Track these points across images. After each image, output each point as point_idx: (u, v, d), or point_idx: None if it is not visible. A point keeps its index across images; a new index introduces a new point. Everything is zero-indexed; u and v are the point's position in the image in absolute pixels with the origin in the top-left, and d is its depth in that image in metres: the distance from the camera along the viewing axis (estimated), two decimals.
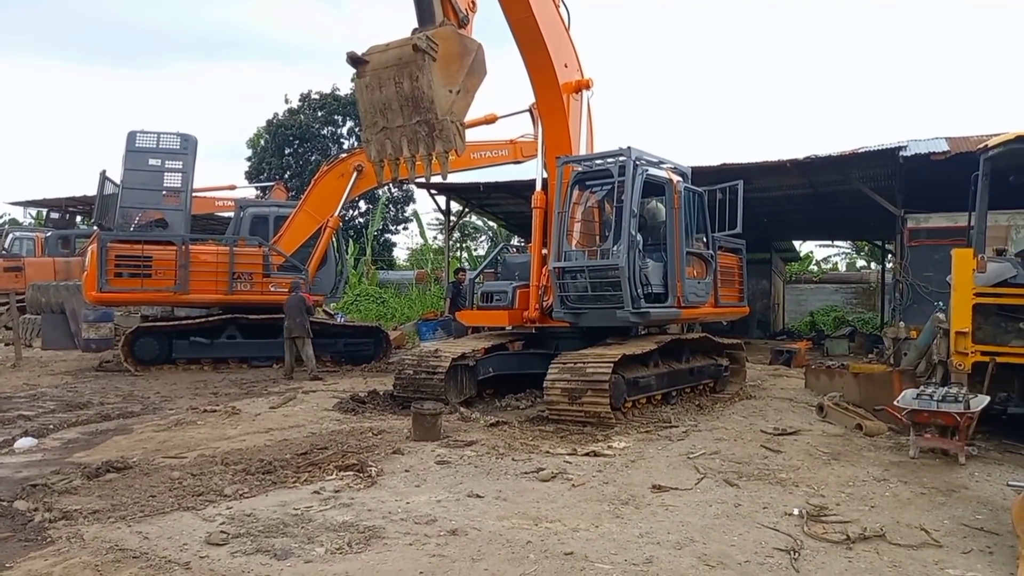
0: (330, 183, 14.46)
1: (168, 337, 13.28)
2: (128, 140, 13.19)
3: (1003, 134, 7.43)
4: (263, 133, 34.40)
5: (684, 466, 6.34)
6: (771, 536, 4.60)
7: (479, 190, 20.11)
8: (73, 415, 8.64)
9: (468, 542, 4.42)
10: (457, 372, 9.03)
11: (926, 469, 6.34)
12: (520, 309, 9.74)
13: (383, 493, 5.42)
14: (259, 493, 5.39)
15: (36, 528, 4.59)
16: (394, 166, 7.49)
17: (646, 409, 8.79)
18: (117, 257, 12.60)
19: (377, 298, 25.70)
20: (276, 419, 8.49)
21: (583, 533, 4.60)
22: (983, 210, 7.55)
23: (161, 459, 6.44)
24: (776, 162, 15.60)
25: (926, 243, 14.10)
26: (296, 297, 12.43)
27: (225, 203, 19.46)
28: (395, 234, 37.89)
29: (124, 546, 4.28)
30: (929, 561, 4.25)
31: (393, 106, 7.10)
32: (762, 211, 19.93)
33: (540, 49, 9.10)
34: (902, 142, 14.83)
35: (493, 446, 6.91)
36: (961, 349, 7.18)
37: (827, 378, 10.43)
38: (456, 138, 7.02)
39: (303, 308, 12.36)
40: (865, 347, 17.88)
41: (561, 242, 9.10)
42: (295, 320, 12.24)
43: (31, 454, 6.80)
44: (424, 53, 6.79)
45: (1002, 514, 4.97)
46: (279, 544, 4.31)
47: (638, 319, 8.77)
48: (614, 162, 8.97)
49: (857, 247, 39.46)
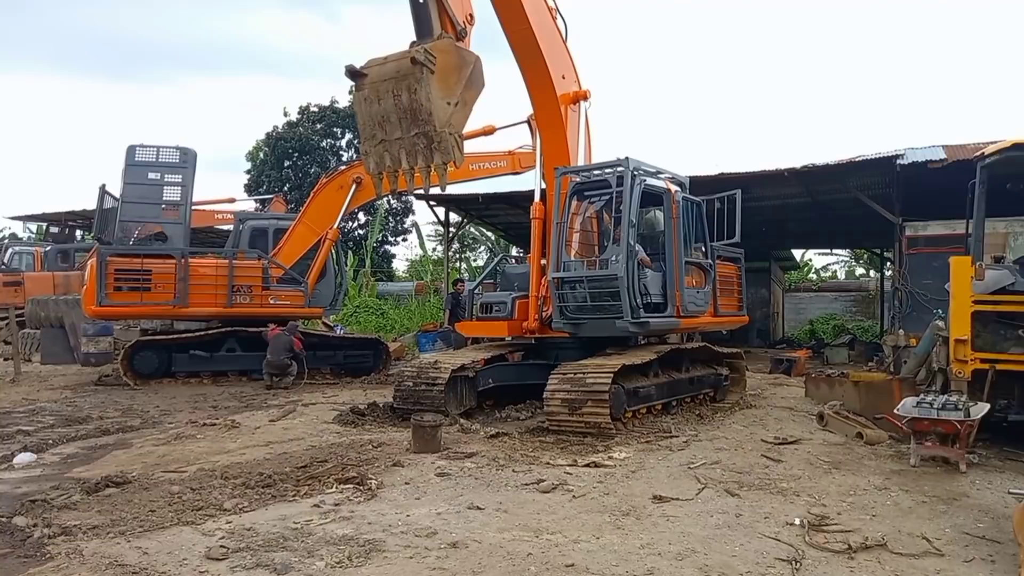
0: (329, 195, 14.49)
1: (167, 351, 13.26)
2: (127, 154, 13.21)
3: (1000, 142, 7.46)
4: (262, 146, 34.48)
5: (685, 476, 6.33)
6: (772, 546, 4.59)
7: (478, 201, 20.17)
8: (72, 430, 8.62)
9: (469, 555, 4.40)
10: (457, 383, 9.02)
11: (927, 477, 6.33)
12: (519, 320, 9.74)
13: (383, 506, 5.41)
14: (259, 507, 5.38)
15: (35, 544, 4.58)
16: (393, 178, 7.51)
17: (646, 419, 8.78)
18: (116, 271, 12.60)
19: (376, 310, 25.69)
20: (276, 432, 8.47)
21: (584, 544, 4.58)
22: (981, 217, 7.57)
23: (160, 473, 6.42)
24: (774, 171, 15.65)
25: (924, 251, 14.12)
26: (287, 339, 12.56)
27: (224, 216, 19.51)
28: (394, 245, 37.92)
29: (124, 561, 4.27)
30: (931, 570, 4.24)
31: (392, 118, 7.12)
32: (760, 220, 19.96)
33: (538, 61, 9.15)
34: (899, 150, 14.85)
35: (493, 458, 6.90)
36: (960, 357, 7.18)
37: (827, 387, 10.42)
38: (454, 150, 7.05)
39: (289, 349, 12.54)
40: (865, 355, 17.88)
41: (560, 252, 9.11)
42: (279, 357, 12.42)
43: (30, 469, 6.77)
44: (422, 66, 6.82)
45: (1004, 522, 4.96)
46: (279, 558, 4.30)
47: (637, 329, 8.78)
48: (612, 172, 9.01)
49: (856, 255, 39.49)
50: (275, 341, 12.52)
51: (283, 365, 12.47)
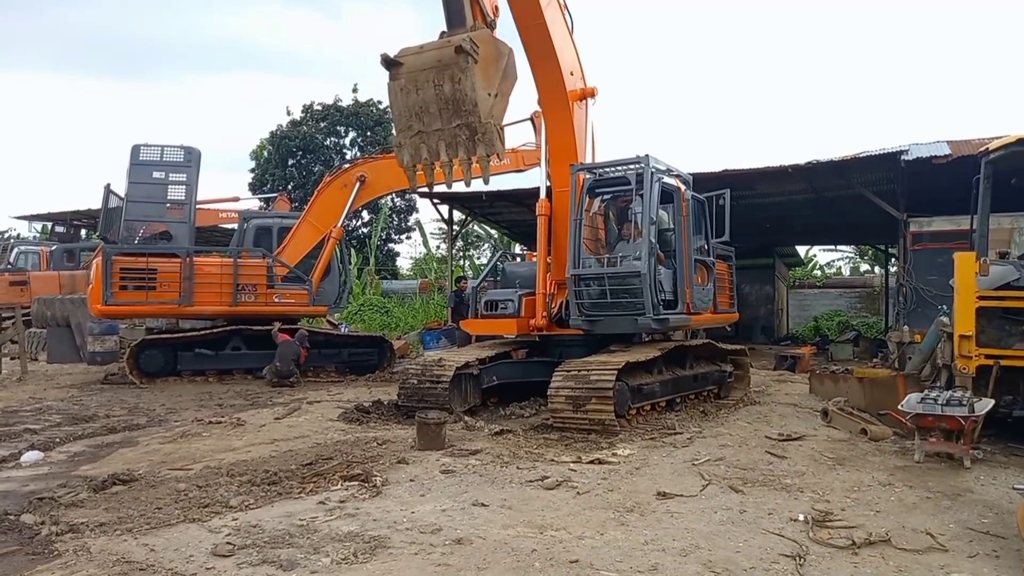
0: (333, 194, 14.50)
1: (173, 349, 13.31)
2: (132, 153, 13.27)
3: (1004, 137, 7.45)
4: (266, 144, 34.50)
5: (689, 473, 6.34)
6: (776, 542, 4.59)
7: (482, 199, 20.16)
8: (79, 428, 8.66)
9: (473, 551, 4.42)
10: (461, 381, 9.04)
11: (931, 473, 6.33)
12: (527, 317, 9.75)
13: (388, 503, 5.43)
14: (264, 504, 5.40)
15: (43, 542, 4.61)
16: (429, 171, 7.31)
17: (650, 416, 8.79)
18: (122, 270, 12.65)
19: (381, 308, 25.72)
20: (281, 430, 8.50)
21: (588, 541, 4.60)
22: (985, 213, 7.56)
23: (167, 471, 6.45)
24: (778, 167, 15.63)
25: (929, 247, 14.07)
26: (296, 349, 12.70)
27: (229, 215, 19.51)
28: (398, 243, 37.93)
29: (131, 558, 4.30)
30: (935, 565, 4.24)
31: (431, 109, 6.89)
32: (765, 216, 19.97)
33: (550, 57, 8.99)
34: (903, 146, 14.81)
35: (498, 455, 6.92)
36: (965, 353, 7.17)
37: (831, 383, 10.42)
38: (498, 142, 6.89)
39: (296, 358, 12.68)
40: (869, 351, 17.84)
41: (578, 249, 9.11)
42: (287, 367, 12.56)
43: (37, 467, 6.81)
44: (467, 55, 6.63)
45: (1008, 517, 4.96)
46: (285, 555, 4.32)
47: (659, 325, 8.86)
48: (633, 170, 9.00)
49: (860, 251, 39.42)
50: (284, 348, 12.59)
51: (288, 373, 12.59)
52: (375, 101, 34.25)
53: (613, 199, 10.05)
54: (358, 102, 34.45)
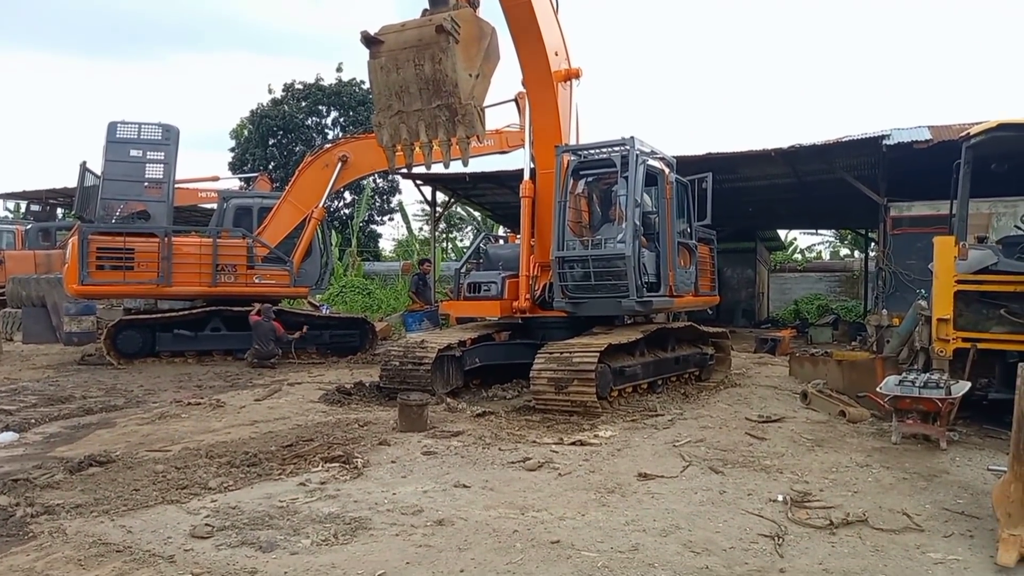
0: (314, 173, 14.31)
1: (151, 330, 13.15)
2: (108, 131, 12.99)
3: (984, 122, 7.47)
4: (247, 123, 34.00)
5: (670, 454, 6.37)
6: (755, 522, 4.64)
7: (465, 180, 20.02)
8: (55, 409, 8.55)
9: (455, 532, 4.42)
10: (443, 363, 9.02)
11: (908, 454, 6.41)
12: (510, 299, 9.73)
13: (369, 484, 5.41)
14: (244, 486, 5.36)
15: (18, 523, 4.54)
16: (408, 152, 7.21)
17: (632, 398, 8.82)
18: (99, 249, 12.46)
19: (363, 289, 25.57)
20: (261, 411, 8.45)
21: (569, 522, 4.61)
22: (965, 198, 7.60)
23: (145, 452, 6.38)
24: (761, 151, 15.65)
25: (909, 231, 14.21)
26: (268, 326, 12.52)
27: (208, 194, 19.27)
28: (381, 225, 37.62)
29: (107, 540, 4.25)
30: (911, 545, 4.30)
31: (411, 89, 6.80)
32: (747, 200, 20.01)
33: (535, 37, 8.91)
34: (885, 131, 14.87)
35: (479, 436, 6.91)
36: (943, 336, 7.25)
37: (811, 366, 10.50)
38: (478, 123, 6.82)
39: (273, 334, 12.52)
40: (848, 335, 18.04)
41: (563, 231, 9.08)
42: (267, 346, 12.43)
43: (12, 448, 6.72)
44: (448, 35, 6.52)
45: (983, 498, 5.03)
46: (264, 536, 4.30)
47: (643, 308, 8.86)
48: (618, 152, 8.96)
49: (841, 236, 39.75)
50: (258, 329, 12.48)
51: (269, 354, 12.49)
52: (358, 80, 33.84)
53: (597, 181, 10.01)
54: (341, 81, 34.04)
